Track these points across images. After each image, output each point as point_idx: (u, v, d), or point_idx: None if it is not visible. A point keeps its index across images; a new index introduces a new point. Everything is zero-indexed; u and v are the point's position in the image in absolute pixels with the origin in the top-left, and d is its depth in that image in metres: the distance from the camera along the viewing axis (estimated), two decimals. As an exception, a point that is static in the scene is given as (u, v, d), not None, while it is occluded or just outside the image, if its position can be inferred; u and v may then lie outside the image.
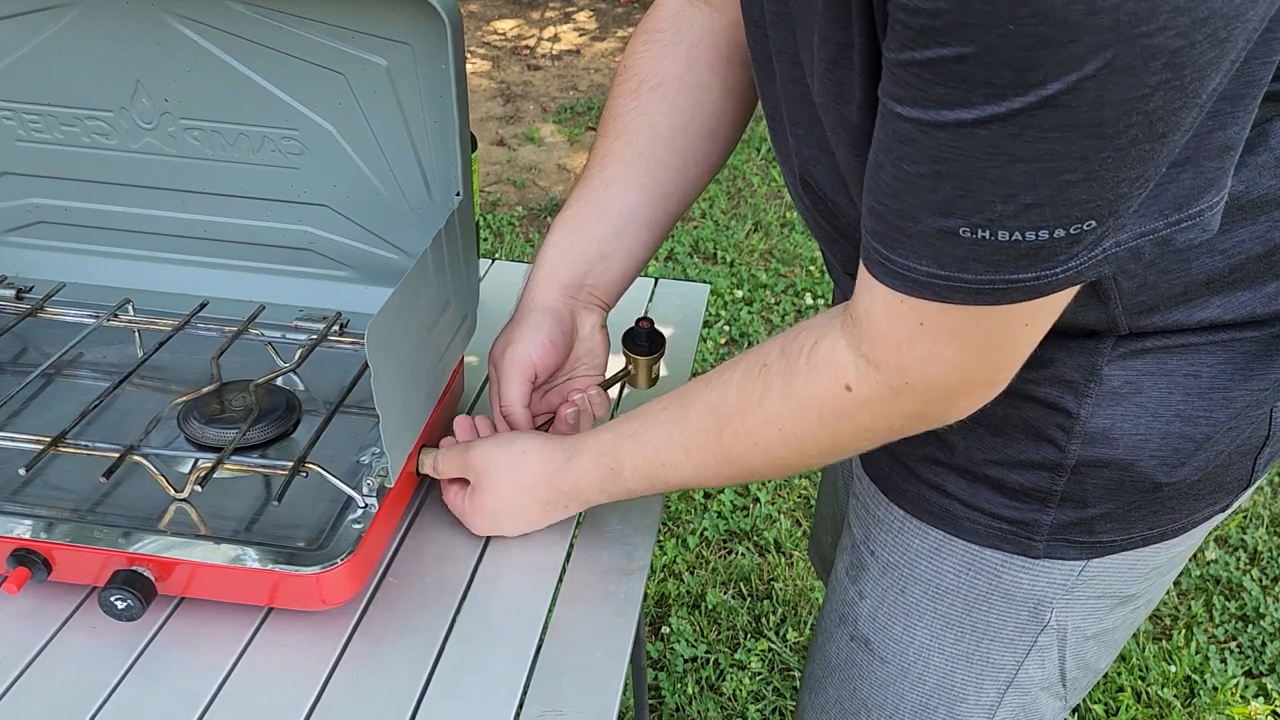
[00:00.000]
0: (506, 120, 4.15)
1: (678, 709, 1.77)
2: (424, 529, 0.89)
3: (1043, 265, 0.52)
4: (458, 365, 0.99)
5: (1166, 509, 0.74)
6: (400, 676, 0.75)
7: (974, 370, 0.61)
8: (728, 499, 2.19)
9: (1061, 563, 0.76)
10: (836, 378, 0.64)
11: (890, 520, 0.82)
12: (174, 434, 0.89)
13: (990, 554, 0.78)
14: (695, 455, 0.73)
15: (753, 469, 0.72)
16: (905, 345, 0.60)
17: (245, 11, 0.86)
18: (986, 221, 0.51)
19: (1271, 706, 1.81)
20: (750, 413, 0.69)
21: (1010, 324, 0.58)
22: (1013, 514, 0.76)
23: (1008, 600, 0.79)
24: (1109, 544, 0.76)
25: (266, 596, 0.77)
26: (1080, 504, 0.74)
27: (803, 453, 0.69)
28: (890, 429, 0.66)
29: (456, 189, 0.90)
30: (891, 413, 0.64)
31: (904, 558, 0.82)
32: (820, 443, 0.68)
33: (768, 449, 0.70)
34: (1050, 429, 0.72)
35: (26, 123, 0.97)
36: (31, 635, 0.77)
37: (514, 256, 3.14)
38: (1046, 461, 0.73)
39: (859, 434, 0.67)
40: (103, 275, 1.06)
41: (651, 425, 0.76)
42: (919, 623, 0.83)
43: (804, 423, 0.67)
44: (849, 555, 0.88)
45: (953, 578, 0.80)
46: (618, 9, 5.45)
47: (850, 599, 0.88)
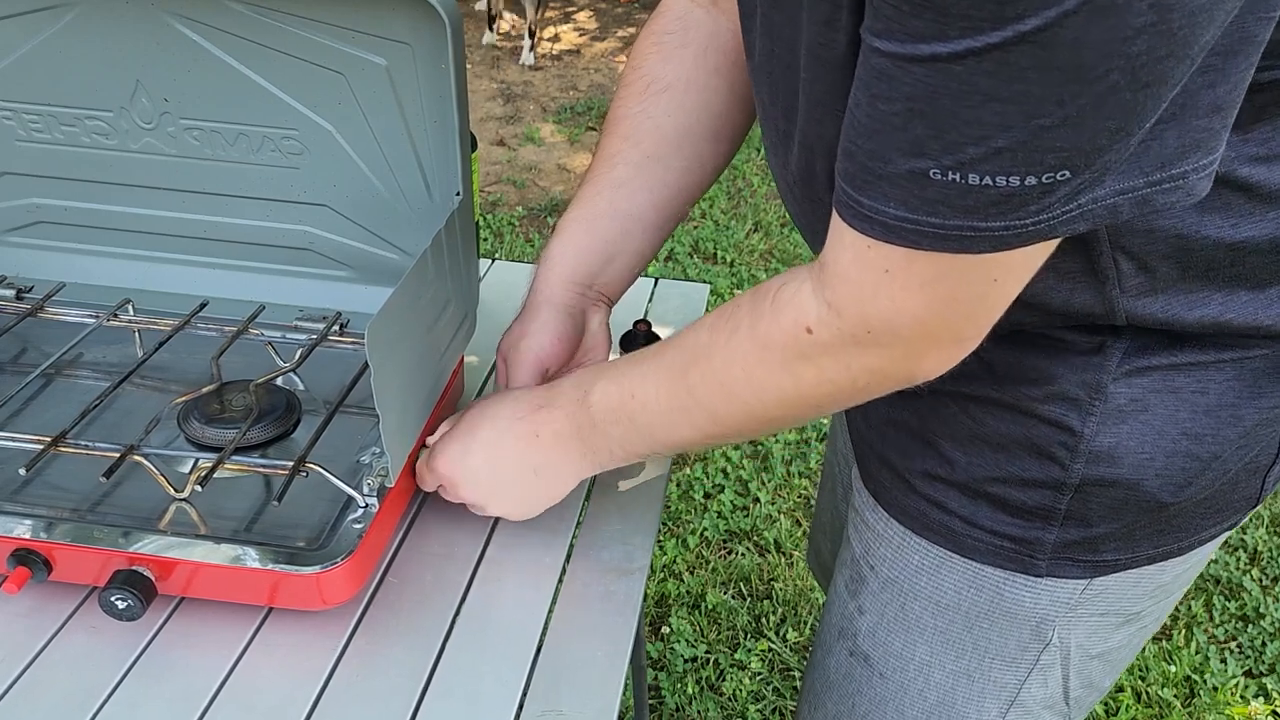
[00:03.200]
0: (506, 120, 4.15)
1: (678, 709, 1.77)
2: (424, 529, 0.89)
3: (1012, 214, 0.51)
4: (458, 365, 0.99)
5: (1172, 528, 0.73)
6: (400, 676, 0.75)
7: (939, 324, 0.59)
8: (728, 499, 2.19)
9: (1064, 581, 0.75)
10: (798, 319, 0.63)
11: (889, 535, 0.81)
12: (174, 434, 0.89)
13: (991, 571, 0.76)
14: (664, 393, 0.72)
15: (717, 414, 0.70)
16: (869, 293, 0.58)
17: (245, 11, 0.86)
18: (957, 164, 0.49)
19: (1271, 706, 1.81)
20: (717, 352, 0.68)
21: (978, 277, 0.56)
22: (1015, 532, 0.74)
23: (1009, 618, 0.78)
24: (1113, 563, 0.74)
25: (266, 596, 0.77)
26: (1084, 523, 0.72)
27: (763, 398, 0.67)
28: (853, 383, 0.64)
29: (456, 189, 0.90)
30: (854, 364, 0.62)
31: (904, 574, 0.81)
32: (781, 387, 0.66)
33: (730, 391, 0.68)
34: (1054, 447, 0.70)
35: (26, 123, 0.97)
36: (31, 635, 0.77)
37: (514, 256, 3.14)
38: (1050, 480, 0.71)
39: (820, 382, 0.64)
40: (103, 275, 1.06)
41: (630, 361, 0.75)
42: (919, 639, 0.82)
43: (765, 363, 0.65)
44: (848, 569, 0.87)
45: (953, 594, 0.79)
46: (618, 9, 5.45)
47: (850, 614, 0.87)
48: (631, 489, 0.95)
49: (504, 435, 0.80)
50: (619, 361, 0.76)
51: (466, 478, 0.82)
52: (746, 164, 3.67)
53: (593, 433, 0.76)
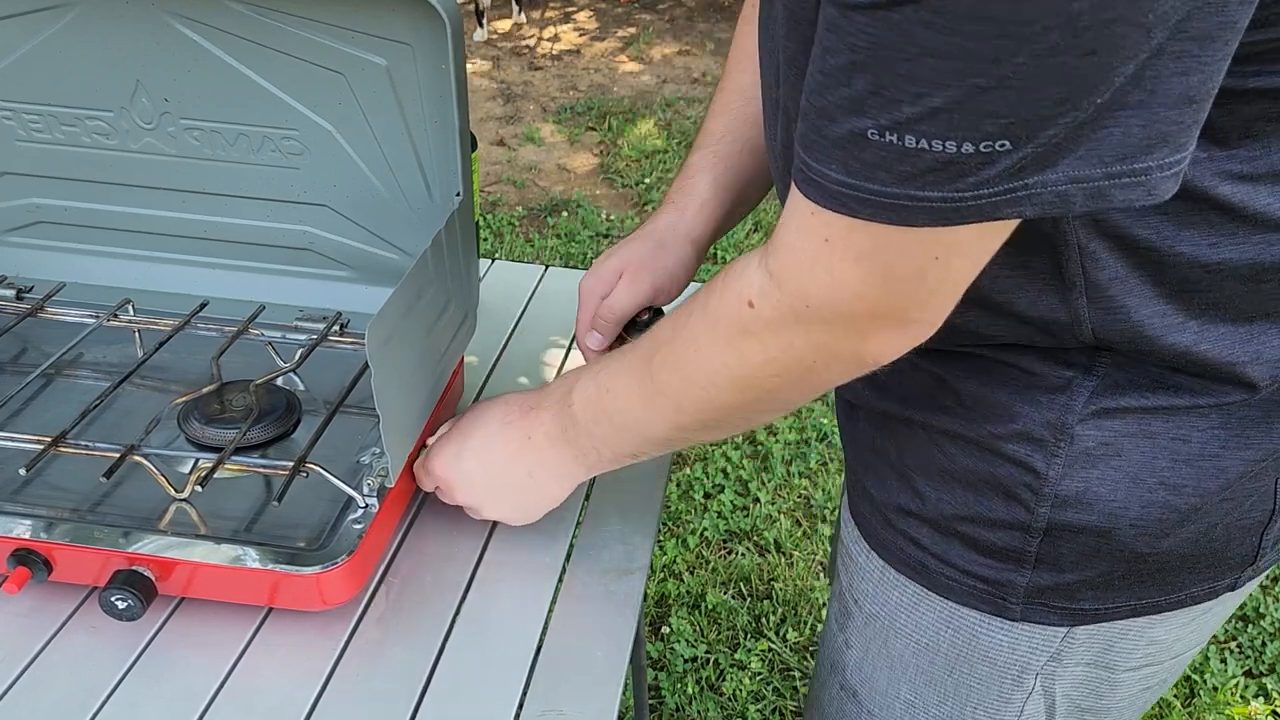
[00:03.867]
0: (506, 120, 4.15)
1: (678, 709, 1.77)
2: (424, 529, 0.89)
3: (950, 184, 0.49)
4: (458, 365, 0.99)
5: (1154, 580, 0.69)
6: (400, 676, 0.75)
7: (879, 301, 0.56)
8: (728, 499, 2.19)
9: (1043, 628, 0.72)
10: (741, 293, 0.61)
11: (871, 569, 0.79)
12: (174, 434, 0.89)
13: (967, 613, 0.73)
14: (633, 385, 0.71)
15: (679, 402, 0.68)
16: (808, 263, 0.56)
17: (245, 11, 0.86)
18: (894, 124, 0.48)
19: (1271, 706, 1.81)
20: (677, 335, 0.67)
21: (918, 252, 0.53)
22: (987, 573, 0.71)
23: (989, 663, 0.75)
24: (1092, 612, 0.71)
25: (266, 596, 0.77)
26: (1056, 568, 0.69)
27: (715, 380, 0.65)
28: (800, 361, 0.61)
29: (456, 189, 0.90)
30: (797, 341, 0.60)
31: (885, 609, 0.79)
32: (729, 366, 0.64)
33: (686, 374, 0.67)
34: (1018, 489, 0.67)
35: (26, 123, 0.97)
36: (31, 635, 0.77)
37: (514, 256, 3.14)
38: (1016, 522, 0.68)
39: (766, 360, 0.62)
40: (103, 275, 1.06)
41: (609, 356, 0.75)
42: (902, 677, 0.79)
43: (713, 341, 0.64)
44: (836, 602, 0.86)
45: (933, 633, 0.76)
46: (618, 9, 5.45)
47: (839, 647, 0.85)
48: (632, 490, 0.94)
49: (495, 439, 0.80)
50: (601, 358, 0.76)
51: (461, 481, 0.83)
52: (746, 164, 3.67)
53: (577, 433, 0.76)
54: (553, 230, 3.29)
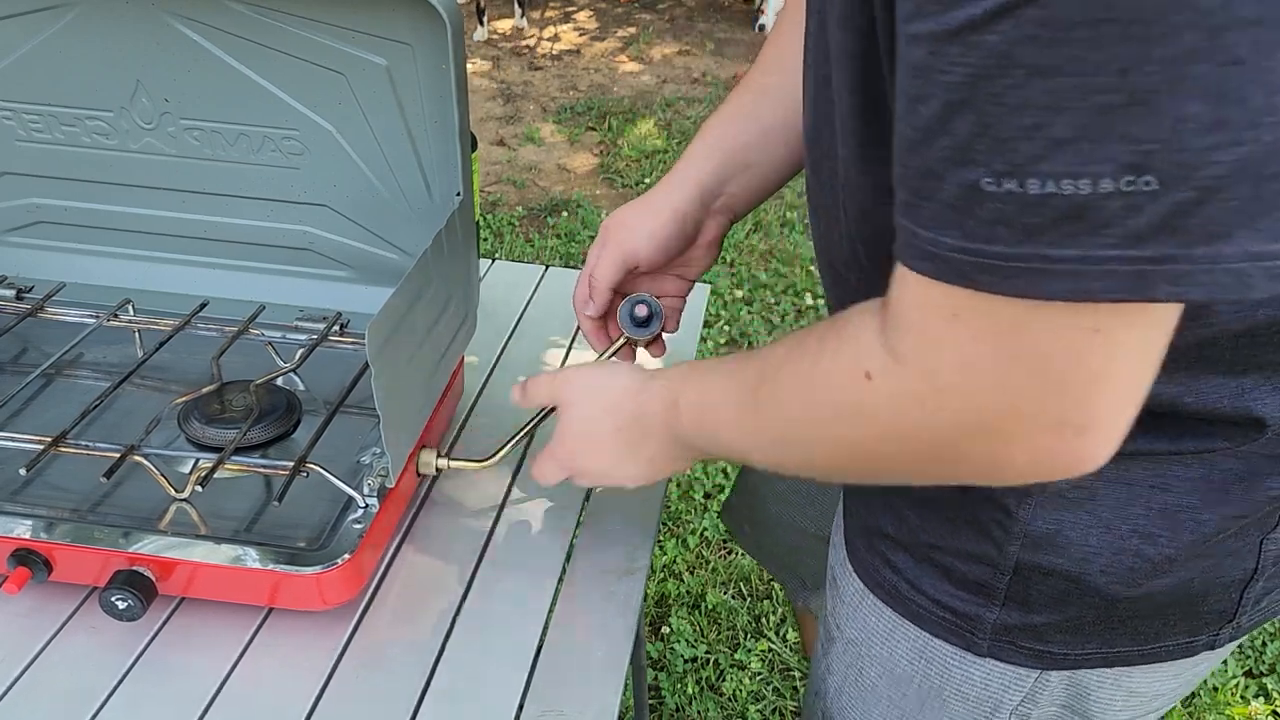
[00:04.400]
0: (506, 120, 4.15)
1: (678, 709, 1.77)
2: (424, 529, 0.89)
3: (1089, 237, 0.40)
4: (458, 365, 0.99)
5: (1126, 629, 0.66)
6: (400, 676, 0.75)
7: (1027, 394, 0.46)
8: (728, 499, 2.19)
9: (1014, 668, 0.69)
10: (858, 360, 0.52)
11: (850, 592, 0.77)
12: (174, 434, 0.89)
13: (940, 644, 0.71)
14: (735, 407, 0.64)
15: (777, 436, 0.61)
16: (935, 343, 0.48)
17: (245, 11, 0.86)
18: (1011, 167, 0.40)
19: (1271, 706, 1.81)
20: (784, 373, 0.59)
21: (1068, 329, 0.43)
22: (956, 604, 0.69)
23: (962, 699, 0.72)
24: (1062, 656, 0.67)
25: (267, 596, 0.77)
26: (1025, 607, 0.66)
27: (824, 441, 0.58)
28: (930, 452, 0.52)
29: (456, 189, 0.90)
30: (916, 431, 0.51)
31: (862, 634, 0.76)
32: (835, 435, 0.56)
33: (789, 418, 0.59)
34: (991, 525, 0.65)
35: (26, 123, 0.97)
36: (31, 635, 0.77)
37: (514, 256, 3.14)
38: (986, 557, 0.66)
39: (884, 440, 0.54)
40: (103, 275, 1.06)
41: (717, 365, 0.68)
42: (875, 708, 0.77)
43: (821, 404, 0.56)
44: (823, 627, 0.84)
45: (907, 664, 0.73)
46: (618, 9, 5.45)
47: (821, 673, 0.83)
48: (632, 490, 0.94)
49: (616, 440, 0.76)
50: (708, 367, 0.70)
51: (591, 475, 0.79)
52: (746, 164, 3.67)
53: (688, 440, 0.71)
54: (553, 230, 3.29)
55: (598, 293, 0.86)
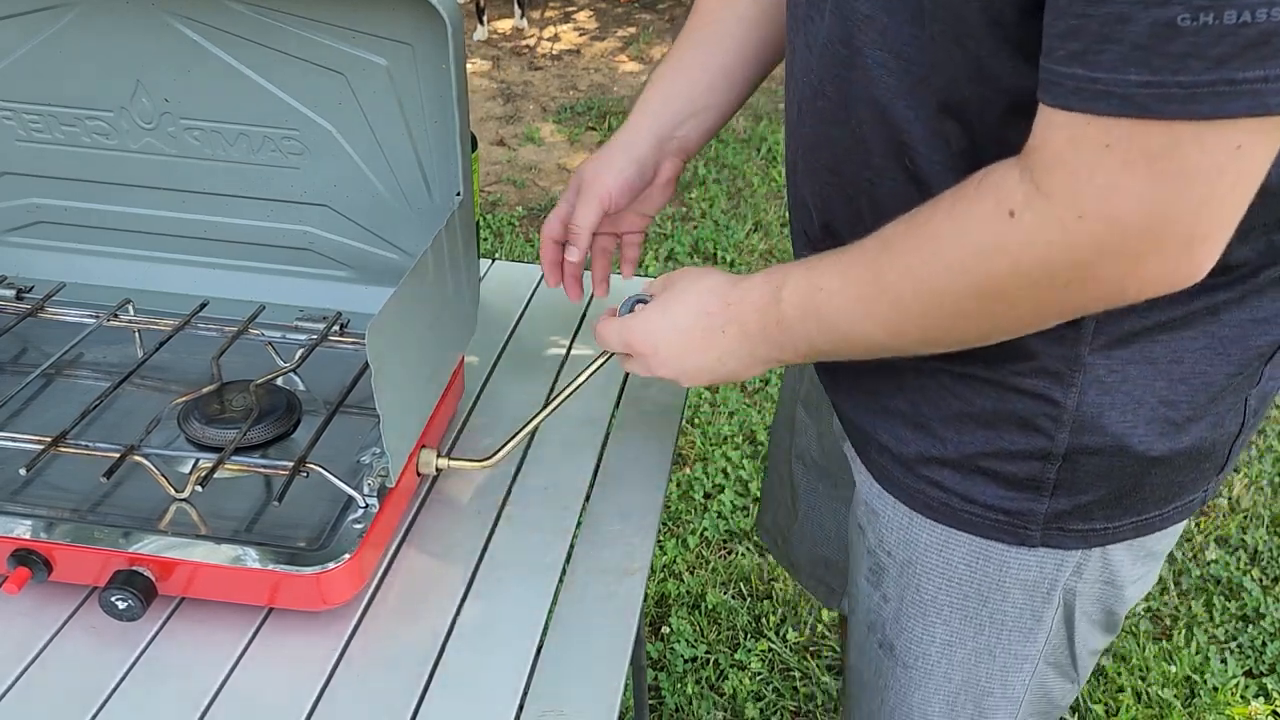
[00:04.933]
0: (506, 120, 4.15)
1: (678, 709, 1.77)
2: (424, 529, 0.89)
3: (1273, 59, 0.46)
4: (458, 365, 0.99)
5: (1156, 495, 0.75)
6: (400, 676, 0.75)
7: (1165, 211, 0.52)
8: (728, 499, 2.19)
9: (1064, 551, 0.77)
10: (1000, 201, 0.58)
11: (897, 518, 0.82)
12: (174, 434, 0.89)
13: (994, 544, 0.78)
14: (852, 281, 0.67)
15: (903, 304, 0.65)
16: (1085, 173, 0.53)
17: (245, 11, 0.86)
18: (1210, 1, 0.46)
19: (1271, 706, 1.81)
20: (911, 235, 0.64)
21: (1218, 146, 0.50)
22: (1009, 505, 0.76)
23: (1020, 587, 0.79)
24: (1103, 532, 0.76)
25: (267, 597, 0.77)
26: (1073, 492, 0.74)
27: (953, 287, 0.62)
28: (1053, 280, 0.58)
29: (456, 189, 0.90)
30: (1054, 257, 0.57)
31: (915, 553, 0.82)
32: (970, 276, 0.60)
33: (920, 276, 0.63)
34: (1039, 419, 0.72)
35: (26, 123, 0.97)
36: (31, 635, 0.77)
37: (514, 256, 3.14)
38: (1037, 451, 0.73)
39: (1015, 275, 0.59)
40: (103, 275, 1.06)
41: (825, 255, 0.71)
42: (937, 619, 0.82)
43: (960, 248, 0.60)
44: (866, 561, 0.87)
45: (964, 569, 0.80)
46: (618, 9, 5.45)
47: (876, 604, 0.87)
48: (632, 490, 0.94)
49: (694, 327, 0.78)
50: (811, 260, 0.73)
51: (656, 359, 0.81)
52: (747, 164, 3.67)
53: (779, 330, 0.73)
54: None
55: (580, 237, 0.93)
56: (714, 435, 2.38)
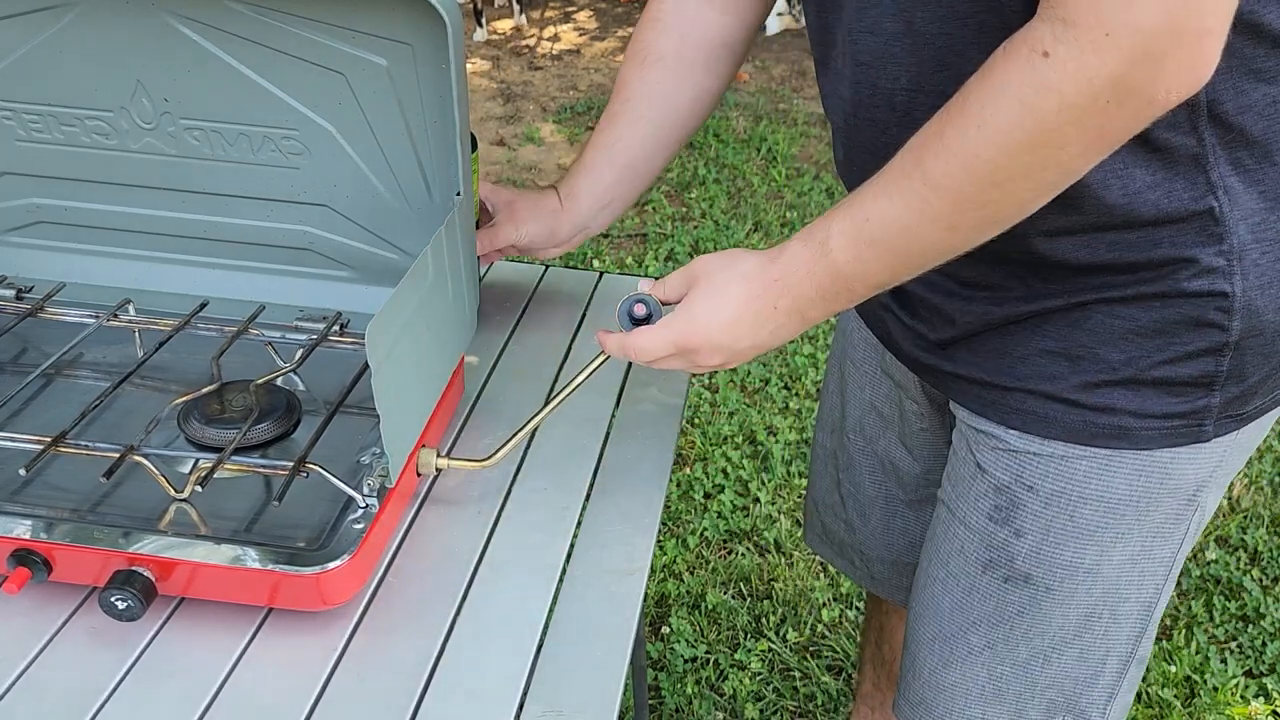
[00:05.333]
0: (506, 120, 4.15)
1: (678, 709, 1.77)
2: (424, 529, 0.89)
3: None
4: (458, 365, 0.99)
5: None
6: (400, 676, 0.75)
7: (1176, 8, 0.59)
8: (728, 499, 2.19)
9: (1221, 440, 0.81)
10: (1032, 48, 0.63)
11: (1047, 453, 0.84)
12: (174, 434, 0.89)
13: (1160, 454, 0.81)
14: (899, 196, 0.70)
15: (960, 191, 0.68)
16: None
17: (245, 11, 0.86)
18: None
19: (1271, 706, 1.81)
20: (948, 126, 0.68)
21: None
22: (1184, 409, 0.79)
23: (1173, 494, 0.83)
24: (1256, 409, 0.81)
25: (267, 597, 0.77)
26: (1240, 378, 0.78)
27: (1007, 148, 0.65)
28: (1095, 102, 0.62)
29: (456, 189, 0.90)
30: (1095, 79, 0.61)
31: (1070, 484, 0.84)
32: (1024, 128, 0.64)
33: (970, 154, 0.66)
34: (1212, 314, 0.75)
35: (26, 123, 0.97)
36: (31, 635, 0.77)
37: (514, 256, 3.14)
38: (1213, 347, 0.76)
39: (1062, 108, 0.63)
40: (103, 275, 1.06)
41: (861, 190, 0.74)
42: (1090, 542, 0.84)
43: (1004, 106, 0.64)
44: (991, 499, 0.88)
45: (1124, 488, 0.82)
46: (618, 9, 5.45)
47: (1000, 542, 0.88)
48: (632, 490, 0.95)
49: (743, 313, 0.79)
50: (843, 201, 0.75)
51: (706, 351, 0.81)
52: (746, 164, 3.67)
53: (834, 281, 0.75)
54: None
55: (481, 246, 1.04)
56: (714, 435, 2.38)
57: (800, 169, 3.70)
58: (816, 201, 3.42)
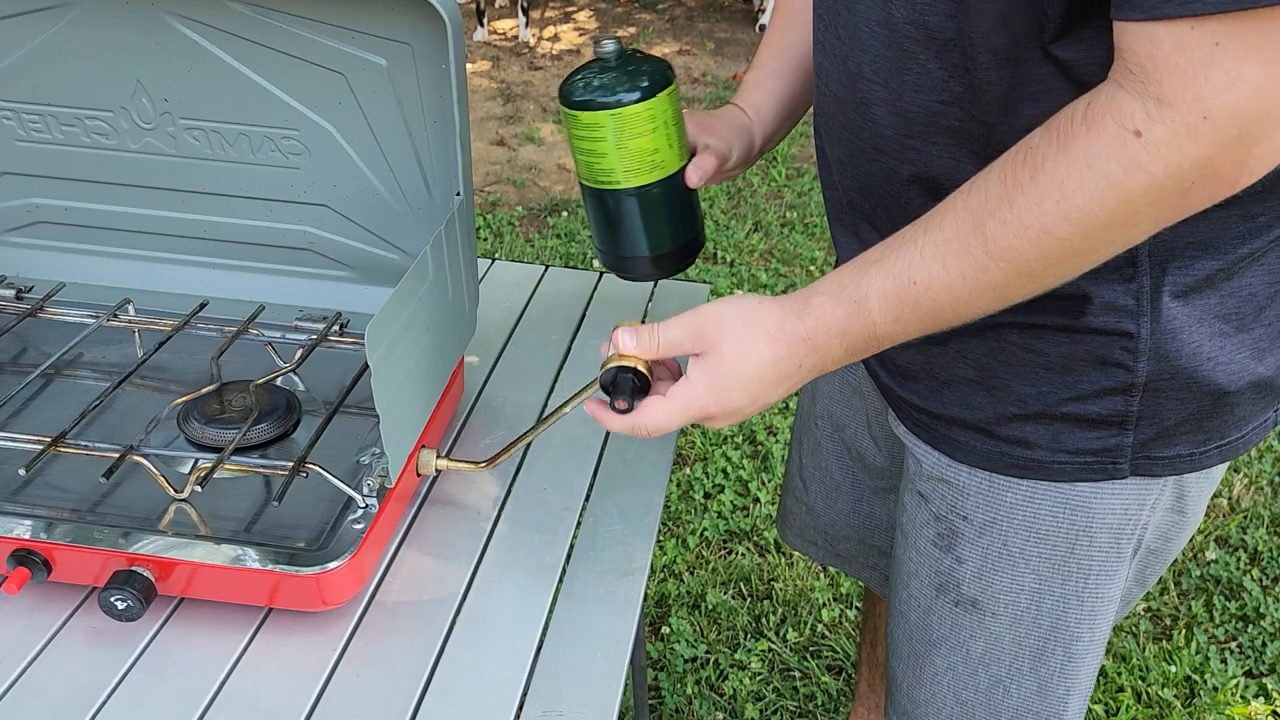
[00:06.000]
0: (506, 120, 4.15)
1: (678, 709, 1.77)
2: (424, 529, 0.89)
3: None
4: (458, 365, 0.99)
5: (1233, 417, 0.78)
6: (400, 676, 0.75)
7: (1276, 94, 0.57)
8: (728, 499, 2.19)
9: (1147, 481, 0.79)
10: (1122, 124, 0.60)
11: (975, 484, 0.84)
12: (174, 434, 0.89)
13: (1082, 488, 0.80)
14: (954, 263, 0.67)
15: (1024, 264, 0.65)
16: (1201, 73, 0.56)
17: (245, 11, 0.86)
18: None
19: (1271, 706, 1.81)
20: (1018, 195, 0.64)
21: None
22: (1095, 445, 0.78)
23: (1106, 530, 0.82)
24: (1188, 458, 0.79)
25: (266, 597, 0.77)
26: (1155, 420, 0.76)
27: (1085, 226, 0.62)
28: (1181, 184, 0.60)
29: (456, 189, 0.90)
30: (1185, 162, 0.59)
31: (999, 513, 0.84)
32: (1106, 207, 0.61)
33: (1043, 230, 0.63)
34: (1117, 353, 0.74)
35: (26, 123, 0.97)
36: (31, 635, 0.77)
37: (514, 256, 3.14)
38: (1119, 386, 0.75)
39: (1149, 190, 0.60)
40: (103, 275, 1.06)
41: (899, 245, 0.69)
42: (1025, 570, 0.84)
43: (1088, 183, 0.61)
44: (932, 528, 0.88)
45: (1050, 520, 0.82)
46: (618, 9, 5.45)
47: (947, 568, 0.88)
48: (632, 490, 0.94)
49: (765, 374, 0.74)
50: (876, 252, 0.71)
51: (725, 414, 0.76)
52: (746, 164, 3.67)
53: (870, 341, 0.72)
54: (553, 230, 3.29)
55: None
56: (714, 435, 2.38)
57: (800, 169, 3.70)
58: (816, 201, 3.41)
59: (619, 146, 0.88)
